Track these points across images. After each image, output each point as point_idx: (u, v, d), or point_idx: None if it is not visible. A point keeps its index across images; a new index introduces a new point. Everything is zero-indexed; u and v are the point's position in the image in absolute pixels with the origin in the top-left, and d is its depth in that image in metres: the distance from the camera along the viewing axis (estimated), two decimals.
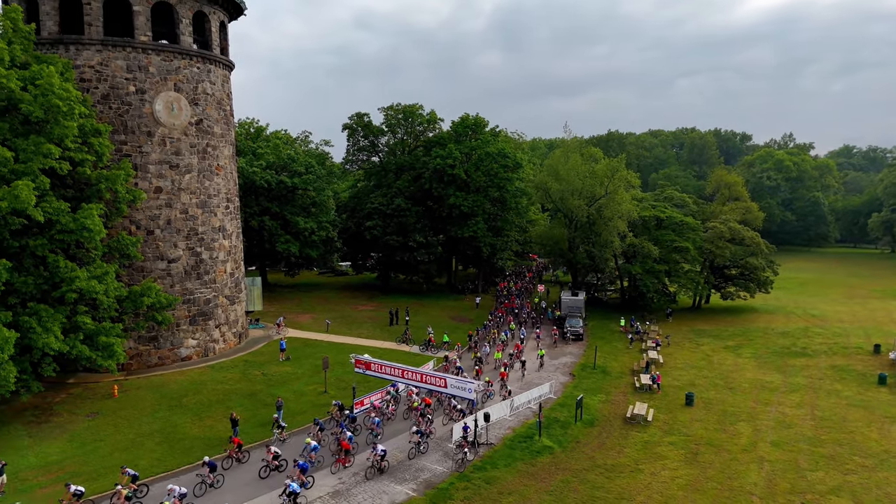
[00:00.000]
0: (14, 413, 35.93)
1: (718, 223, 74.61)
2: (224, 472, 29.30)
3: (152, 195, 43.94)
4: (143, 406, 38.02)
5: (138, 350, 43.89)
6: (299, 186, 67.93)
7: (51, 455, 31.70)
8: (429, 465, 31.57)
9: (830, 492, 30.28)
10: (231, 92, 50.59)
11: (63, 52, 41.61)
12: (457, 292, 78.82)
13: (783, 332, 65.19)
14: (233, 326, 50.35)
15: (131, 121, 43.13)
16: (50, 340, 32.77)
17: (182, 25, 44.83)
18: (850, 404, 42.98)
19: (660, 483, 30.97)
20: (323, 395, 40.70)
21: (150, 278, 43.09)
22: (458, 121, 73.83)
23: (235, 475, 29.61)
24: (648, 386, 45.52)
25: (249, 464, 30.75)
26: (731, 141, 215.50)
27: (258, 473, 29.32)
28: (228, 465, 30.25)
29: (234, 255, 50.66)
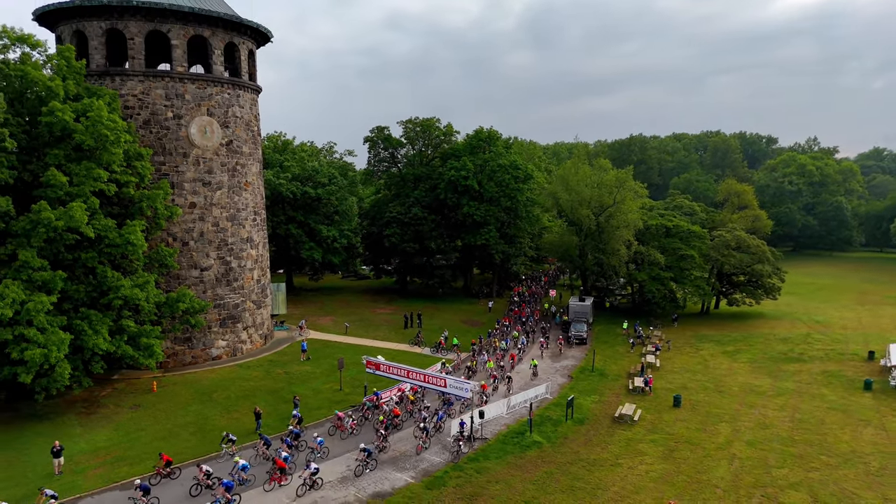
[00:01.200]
0: (67, 405, 40.84)
1: (724, 232, 77.10)
2: (156, 493, 29.29)
3: (187, 210, 48.69)
4: (179, 400, 42.68)
5: (174, 350, 48.70)
6: (322, 197, 72.49)
7: (99, 442, 36.42)
8: (428, 457, 35.48)
9: (790, 486, 33.36)
10: (258, 114, 55.19)
11: (109, 83, 46.54)
12: (472, 296, 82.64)
13: (784, 337, 67.55)
14: (259, 329, 54.96)
15: (169, 143, 47.92)
16: (99, 341, 37.54)
17: (215, 56, 49.46)
18: (831, 408, 45.64)
19: (635, 476, 34.39)
20: (338, 393, 44.94)
21: (185, 285, 47.85)
22: (472, 134, 77.70)
23: (167, 492, 30.10)
24: (641, 388, 48.73)
25: (180, 481, 31.13)
26: (757, 144, 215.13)
27: (189, 491, 29.73)
28: (156, 481, 30.72)
29: (261, 263, 55.23)
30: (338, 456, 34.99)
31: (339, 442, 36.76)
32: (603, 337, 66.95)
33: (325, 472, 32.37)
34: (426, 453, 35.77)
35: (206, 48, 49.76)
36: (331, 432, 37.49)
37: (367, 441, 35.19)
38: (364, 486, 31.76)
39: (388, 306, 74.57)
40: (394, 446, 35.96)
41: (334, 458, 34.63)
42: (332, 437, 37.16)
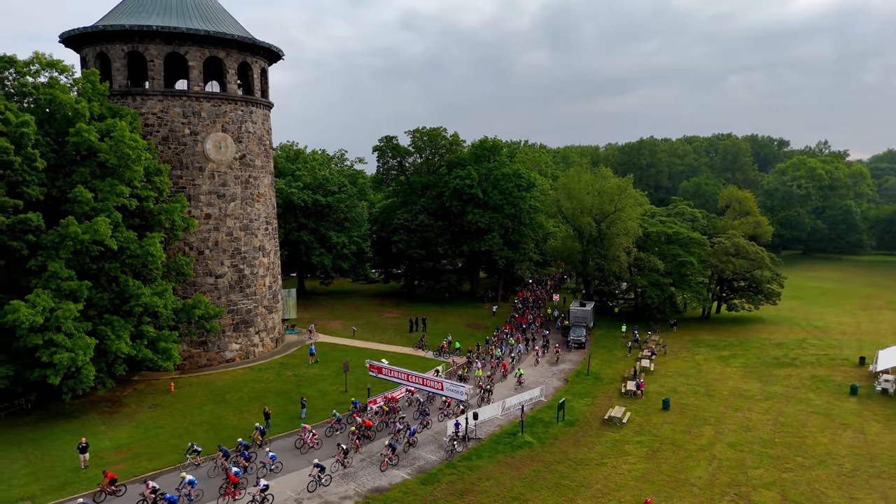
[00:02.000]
0: (91, 404, 43.92)
1: (724, 238, 78.85)
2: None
3: (203, 221, 51.68)
4: (194, 400, 45.63)
5: (190, 353, 51.72)
6: (333, 204, 75.39)
7: (121, 439, 39.41)
8: (424, 455, 38.05)
9: (763, 486, 35.52)
10: (270, 128, 58.08)
11: (131, 102, 49.63)
12: (478, 300, 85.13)
13: (780, 342, 69.25)
14: (270, 332, 57.86)
15: (186, 158, 50.93)
16: (121, 346, 40.58)
17: (229, 75, 52.40)
18: (815, 412, 47.56)
19: (618, 475, 36.73)
20: (344, 394, 47.62)
21: (201, 292, 50.85)
22: (477, 143, 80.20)
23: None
24: (633, 392, 50.95)
25: (125, 499, 31.26)
26: (768, 147, 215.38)
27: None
28: (101, 498, 30.80)
29: (272, 270, 58.12)
30: (296, 470, 34.91)
31: (308, 454, 37.08)
32: (602, 341, 69.11)
33: (280, 486, 32.83)
34: (422, 452, 38.33)
35: (221, 67, 52.71)
36: (297, 444, 37.93)
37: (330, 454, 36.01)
38: (364, 481, 34.39)
39: (396, 310, 77.27)
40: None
41: (291, 473, 34.69)
42: (298, 449, 37.65)
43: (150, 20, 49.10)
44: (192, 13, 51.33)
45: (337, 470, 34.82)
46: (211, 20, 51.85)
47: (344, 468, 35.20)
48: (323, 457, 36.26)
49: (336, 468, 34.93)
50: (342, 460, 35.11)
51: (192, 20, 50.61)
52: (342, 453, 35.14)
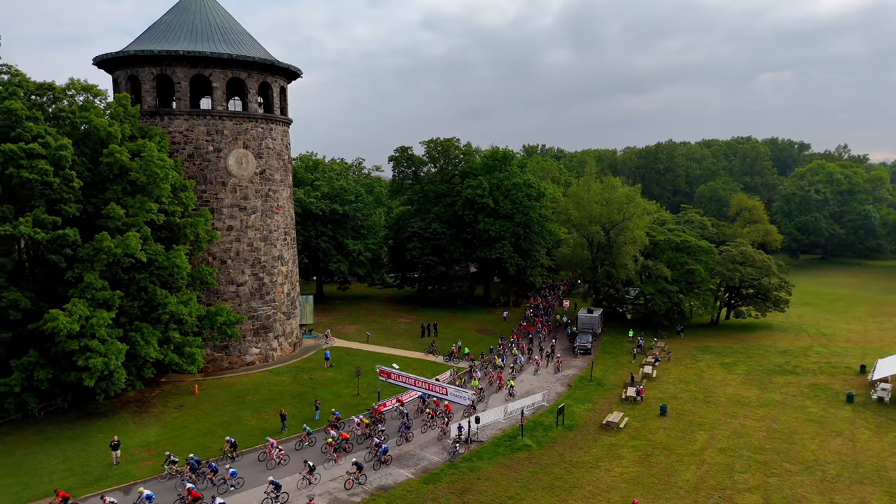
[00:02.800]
0: (122, 405, 47.28)
1: (731, 247, 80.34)
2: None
3: (225, 232, 54.91)
4: (217, 401, 48.80)
5: (213, 356, 54.98)
6: (349, 213, 78.41)
7: (150, 437, 42.64)
8: (428, 456, 40.67)
9: (748, 490, 37.52)
10: (289, 143, 61.17)
11: (159, 122, 53.02)
12: (490, 305, 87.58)
13: (784, 350, 70.61)
14: (288, 337, 60.95)
15: (210, 173, 54.20)
16: (150, 350, 43.83)
17: (250, 94, 55.56)
18: (809, 419, 49.22)
19: (610, 477, 38.99)
20: (356, 398, 50.45)
21: (223, 300, 54.11)
22: (489, 153, 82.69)
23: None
24: (633, 398, 53.02)
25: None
26: (789, 150, 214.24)
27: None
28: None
29: (291, 278, 61.21)
30: (260, 485, 34.96)
31: (274, 470, 37.31)
32: (608, 348, 71.12)
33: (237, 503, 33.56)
34: (427, 454, 40.94)
35: (243, 87, 55.88)
36: (260, 458, 38.63)
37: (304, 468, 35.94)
38: (371, 479, 37.10)
39: (409, 315, 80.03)
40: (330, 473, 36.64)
41: (255, 488, 34.95)
42: (263, 463, 38.26)
43: (177, 45, 52.42)
44: (216, 36, 54.57)
45: (304, 486, 35.22)
46: (233, 43, 55.04)
47: (310, 484, 35.44)
48: (293, 471, 36.83)
49: (303, 484, 35.29)
50: (308, 476, 35.38)
51: (216, 44, 53.83)
52: (308, 469, 35.39)
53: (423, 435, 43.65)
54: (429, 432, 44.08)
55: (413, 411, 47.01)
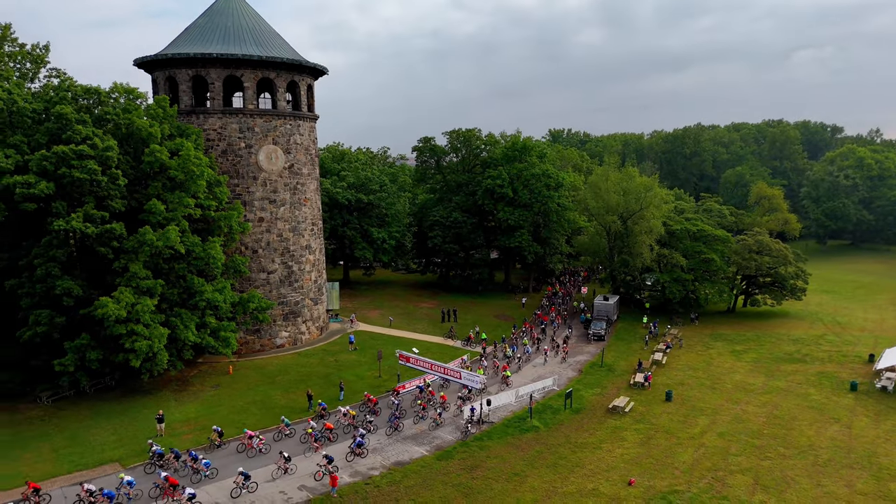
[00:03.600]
0: (164, 383, 51.48)
1: (748, 236, 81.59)
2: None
3: (256, 224, 58.51)
4: (249, 381, 52.74)
5: (246, 339, 58.93)
6: (374, 202, 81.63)
7: (189, 412, 46.70)
8: (442, 435, 43.97)
9: (740, 471, 40.01)
10: (316, 138, 64.33)
11: (195, 120, 56.57)
12: (510, 291, 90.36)
13: (797, 338, 72.13)
14: (316, 322, 64.67)
15: (242, 168, 57.72)
16: (188, 334, 47.74)
17: (279, 93, 58.72)
18: (810, 406, 51.24)
19: (611, 457, 41.81)
20: (377, 379, 53.96)
21: (255, 287, 57.90)
22: (509, 143, 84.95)
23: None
24: (640, 383, 55.55)
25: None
26: (821, 134, 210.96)
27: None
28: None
29: (318, 266, 64.76)
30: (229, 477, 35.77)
31: (255, 459, 38.88)
32: (622, 334, 73.47)
33: (210, 493, 34.61)
34: (441, 433, 44.23)
35: (272, 85, 59.07)
36: (239, 449, 39.95)
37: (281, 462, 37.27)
38: (388, 455, 40.57)
39: (431, 300, 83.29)
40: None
41: (229, 479, 35.58)
42: (242, 453, 39.55)
43: (211, 47, 55.70)
44: (247, 38, 57.72)
45: (279, 475, 36.54)
46: (263, 44, 58.14)
47: (286, 473, 36.73)
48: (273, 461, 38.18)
49: (278, 474, 36.64)
50: (284, 466, 36.68)
51: (247, 45, 56.99)
52: (284, 459, 36.76)
53: (415, 425, 44.99)
54: (420, 423, 45.20)
55: (411, 401, 48.36)
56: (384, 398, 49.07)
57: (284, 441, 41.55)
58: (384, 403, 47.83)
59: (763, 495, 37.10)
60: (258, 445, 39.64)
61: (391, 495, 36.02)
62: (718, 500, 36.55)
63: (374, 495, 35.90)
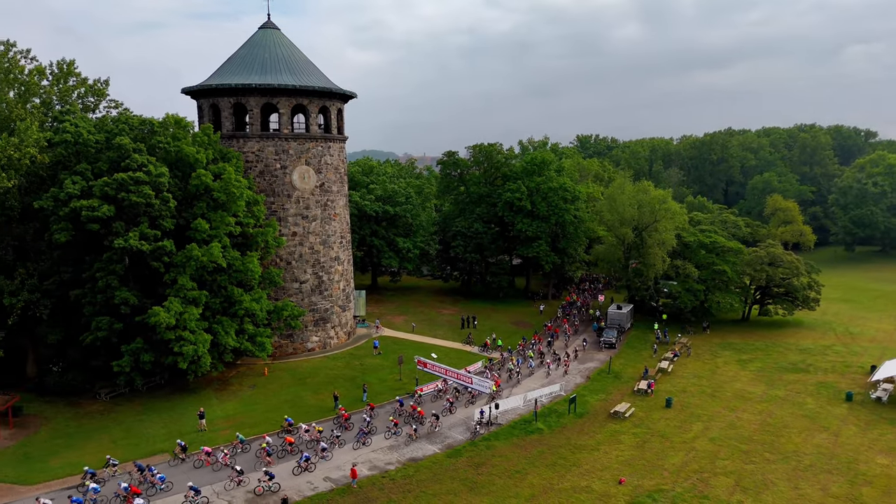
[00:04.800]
0: (206, 383, 57.21)
1: (760, 248, 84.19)
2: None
3: (290, 238, 63.96)
4: (282, 382, 58.16)
5: (280, 343, 64.46)
6: (400, 214, 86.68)
7: (228, 410, 52.25)
8: (453, 435, 48.60)
9: (724, 474, 43.67)
10: (345, 158, 69.56)
11: (235, 144, 62.27)
12: (529, 298, 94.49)
13: (804, 348, 74.65)
14: (344, 327, 69.94)
15: (277, 187, 63.21)
16: (229, 340, 53.31)
17: (312, 118, 64.07)
18: (803, 415, 54.32)
19: (607, 458, 45.87)
20: (398, 383, 58.84)
21: (288, 295, 63.39)
22: (528, 158, 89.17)
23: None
24: (644, 390, 59.28)
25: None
26: (853, 139, 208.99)
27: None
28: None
29: (346, 276, 70.00)
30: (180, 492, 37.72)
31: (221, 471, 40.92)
32: (634, 342, 76.99)
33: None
34: (453, 433, 48.83)
35: (305, 110, 64.42)
36: (196, 466, 41.69)
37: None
38: (405, 452, 45.35)
39: (452, 307, 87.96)
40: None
41: (181, 494, 37.51)
42: (197, 469, 41.51)
43: (250, 78, 61.30)
44: (282, 68, 63.19)
45: (231, 487, 38.87)
46: (297, 73, 63.54)
47: (238, 486, 38.97)
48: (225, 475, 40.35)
49: (230, 486, 38.89)
50: (237, 479, 38.93)
51: (283, 75, 62.45)
52: (237, 473, 39.09)
53: (386, 440, 46.80)
54: (391, 437, 46.98)
55: (392, 413, 50.16)
56: (357, 413, 50.48)
57: (239, 456, 43.23)
58: (356, 419, 49.47)
59: (741, 496, 40.80)
60: (223, 460, 41.47)
61: (404, 487, 40.84)
62: (699, 499, 40.39)
63: (388, 487, 40.77)
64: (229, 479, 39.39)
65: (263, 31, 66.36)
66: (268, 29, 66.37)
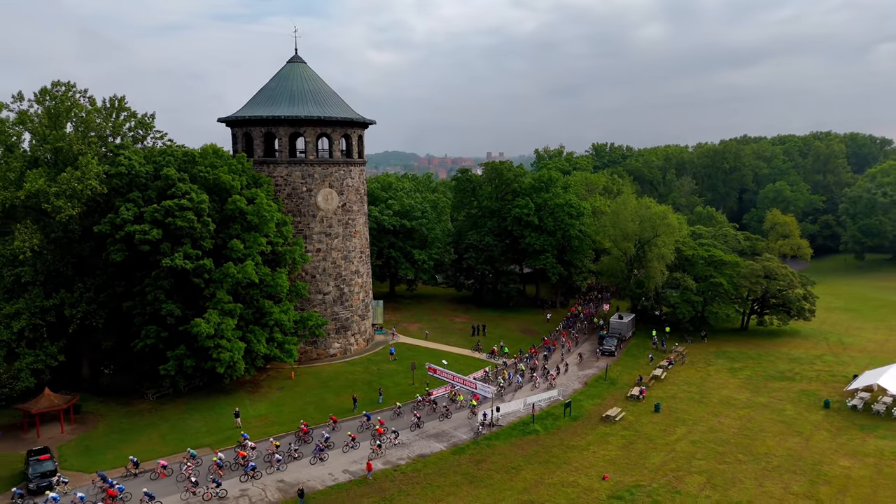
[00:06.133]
0: (240, 385, 63.91)
1: (756, 262, 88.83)
2: None
3: (314, 254, 70.49)
4: (307, 385, 64.64)
5: (305, 350, 71.02)
6: (416, 228, 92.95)
7: (260, 410, 58.83)
8: (458, 435, 54.60)
9: (698, 472, 48.99)
10: (364, 180, 75.95)
11: (266, 169, 68.94)
12: (538, 306, 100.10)
13: (795, 357, 79.14)
14: (363, 335, 76.34)
15: (303, 208, 69.77)
16: (260, 347, 59.89)
17: (334, 144, 70.52)
18: (780, 420, 59.26)
19: (594, 457, 51.48)
20: (410, 386, 64.95)
21: (312, 307, 69.89)
22: (536, 176, 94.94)
23: None
24: (636, 396, 64.64)
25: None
26: (868, 146, 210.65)
27: None
28: None
29: (365, 287, 76.38)
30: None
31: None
32: (634, 350, 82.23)
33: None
34: (458, 433, 54.82)
35: (329, 138, 70.89)
36: (152, 478, 45.29)
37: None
38: (414, 449, 51.46)
39: (465, 315, 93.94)
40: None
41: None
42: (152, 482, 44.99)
43: (279, 109, 67.91)
44: (308, 100, 69.71)
45: (186, 498, 42.94)
46: (322, 104, 70.03)
47: (194, 495, 43.10)
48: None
49: (185, 496, 42.93)
50: (192, 490, 43.22)
51: (309, 106, 68.95)
52: (192, 484, 43.49)
53: (344, 454, 50.10)
54: (350, 452, 50.32)
55: (329, 435, 51.94)
56: (318, 428, 54.33)
57: (191, 472, 45.90)
58: (315, 434, 52.80)
59: (710, 492, 46.19)
60: (186, 472, 45.17)
61: (413, 479, 47.00)
62: (672, 493, 45.87)
63: (399, 479, 46.96)
64: (185, 490, 43.68)
65: (291, 64, 73.02)
66: (295, 63, 72.99)
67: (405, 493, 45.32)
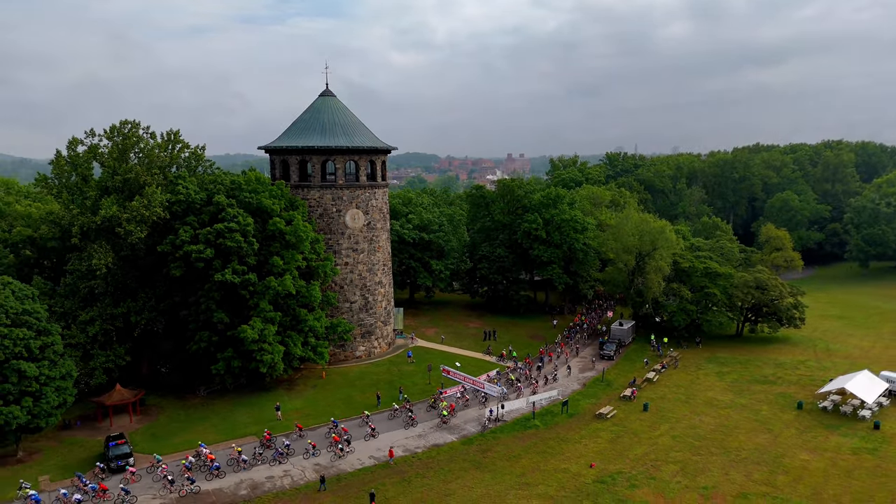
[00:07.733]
0: (278, 383, 72.97)
1: (747, 273, 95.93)
2: None
3: (343, 267, 79.41)
4: (337, 384, 73.50)
5: (334, 352, 79.95)
6: (433, 240, 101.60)
7: (296, 405, 67.77)
8: (468, 428, 63.00)
9: (673, 462, 56.73)
10: (387, 200, 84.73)
11: (301, 192, 78.01)
12: (547, 313, 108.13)
13: (780, 363, 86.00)
14: (385, 339, 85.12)
15: (333, 227, 78.73)
16: (297, 350, 68.89)
17: (360, 171, 79.35)
18: (755, 419, 66.55)
19: (585, 449, 59.49)
20: (427, 386, 73.49)
21: (341, 314, 78.85)
22: (544, 193, 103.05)
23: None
24: (628, 396, 72.38)
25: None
26: (879, 155, 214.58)
27: None
28: None
29: (387, 296, 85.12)
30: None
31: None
32: (632, 355, 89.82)
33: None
34: (468, 427, 63.20)
35: (356, 164, 79.74)
36: (123, 483, 49.29)
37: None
38: (430, 439, 59.97)
39: (478, 320, 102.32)
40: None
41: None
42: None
43: (312, 140, 76.90)
44: (338, 131, 78.66)
45: (164, 493, 49.02)
46: (350, 134, 78.92)
47: (171, 493, 48.83)
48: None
49: (163, 492, 49.04)
50: (170, 488, 49.12)
51: (338, 137, 77.88)
52: (169, 482, 49.42)
53: (305, 460, 55.17)
54: (311, 457, 55.49)
55: (290, 443, 57.15)
56: (286, 434, 59.60)
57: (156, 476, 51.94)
58: (277, 442, 57.44)
59: (681, 478, 54.02)
60: (162, 473, 50.65)
61: (427, 465, 55.58)
62: (648, 479, 53.80)
63: (416, 464, 55.58)
64: (162, 487, 49.97)
65: (323, 98, 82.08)
66: (326, 97, 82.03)
67: (421, 475, 53.86)
